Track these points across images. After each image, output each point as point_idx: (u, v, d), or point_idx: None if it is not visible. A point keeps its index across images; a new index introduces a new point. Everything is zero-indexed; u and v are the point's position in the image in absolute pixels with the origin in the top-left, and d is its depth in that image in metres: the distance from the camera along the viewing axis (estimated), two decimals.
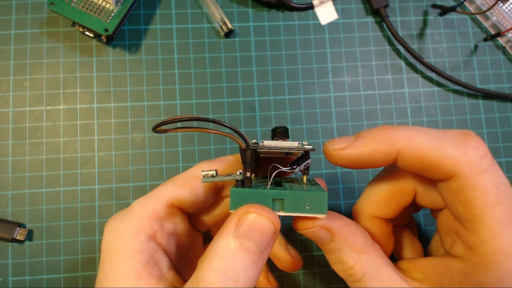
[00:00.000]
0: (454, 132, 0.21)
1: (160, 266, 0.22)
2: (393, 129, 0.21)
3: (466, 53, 0.41)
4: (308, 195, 0.20)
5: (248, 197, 0.21)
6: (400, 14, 0.41)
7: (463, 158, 0.20)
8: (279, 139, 0.25)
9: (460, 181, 0.20)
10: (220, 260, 0.19)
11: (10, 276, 0.34)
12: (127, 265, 0.21)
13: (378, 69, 0.40)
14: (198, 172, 0.25)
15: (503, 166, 0.39)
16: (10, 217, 0.35)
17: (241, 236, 0.19)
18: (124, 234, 0.22)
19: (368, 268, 0.23)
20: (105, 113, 0.37)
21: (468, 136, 0.20)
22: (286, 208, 0.21)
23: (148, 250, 0.22)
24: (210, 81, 0.38)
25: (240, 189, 0.21)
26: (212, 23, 0.39)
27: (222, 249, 0.19)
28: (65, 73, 0.37)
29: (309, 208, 0.21)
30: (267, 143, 0.22)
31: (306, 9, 0.40)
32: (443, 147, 0.20)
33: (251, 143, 0.23)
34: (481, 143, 0.20)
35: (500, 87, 0.40)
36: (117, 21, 0.35)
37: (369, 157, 0.22)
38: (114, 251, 0.21)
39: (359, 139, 0.22)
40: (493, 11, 0.40)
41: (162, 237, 0.23)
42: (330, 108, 0.39)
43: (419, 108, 0.39)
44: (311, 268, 0.36)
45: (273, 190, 0.21)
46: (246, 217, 0.20)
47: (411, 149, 0.21)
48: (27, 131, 0.36)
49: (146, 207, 0.23)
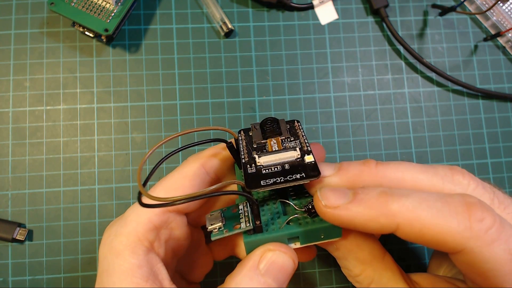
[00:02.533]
0: (458, 202, 0.19)
1: (161, 280, 0.22)
2: (394, 198, 0.19)
3: (466, 53, 0.41)
4: (322, 228, 0.20)
5: (262, 243, 0.20)
6: (400, 14, 0.41)
7: (468, 234, 0.18)
8: (272, 138, 0.23)
9: (469, 255, 0.18)
10: None
11: (10, 276, 0.34)
12: (127, 282, 0.20)
13: (378, 69, 0.40)
14: (188, 171, 0.25)
15: (503, 166, 0.39)
16: (10, 217, 0.35)
17: (263, 275, 0.19)
18: (121, 249, 0.21)
19: (374, 278, 0.22)
20: (105, 113, 0.37)
21: (472, 207, 0.19)
22: (302, 241, 0.21)
23: (147, 264, 0.21)
24: (210, 81, 0.38)
25: (254, 237, 0.20)
26: (212, 23, 0.39)
27: (244, 285, 0.19)
28: (65, 73, 0.37)
29: (324, 237, 0.21)
30: (263, 161, 0.21)
31: (306, 9, 0.40)
32: (446, 222, 0.18)
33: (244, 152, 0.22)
34: (486, 212, 0.18)
35: (500, 87, 0.40)
36: (117, 21, 0.35)
37: (363, 225, 0.20)
38: (112, 268, 0.21)
39: (356, 202, 0.20)
40: (493, 11, 0.40)
41: (159, 247, 0.23)
42: (330, 108, 0.39)
43: (419, 108, 0.39)
44: (311, 268, 0.36)
45: (287, 231, 0.20)
46: (267, 255, 0.20)
47: (411, 224, 0.19)
48: (27, 131, 0.36)
49: (140, 218, 0.22)
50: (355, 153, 0.38)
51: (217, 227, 0.21)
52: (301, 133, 0.23)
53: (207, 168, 0.25)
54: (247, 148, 0.23)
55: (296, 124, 0.24)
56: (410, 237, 0.19)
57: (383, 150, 0.38)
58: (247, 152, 0.23)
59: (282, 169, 0.21)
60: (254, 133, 0.24)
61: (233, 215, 0.22)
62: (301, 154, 0.21)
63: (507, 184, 0.39)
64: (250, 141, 0.24)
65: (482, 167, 0.39)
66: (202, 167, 0.25)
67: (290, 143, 0.22)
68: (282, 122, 0.24)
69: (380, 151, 0.38)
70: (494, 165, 0.39)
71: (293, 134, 0.24)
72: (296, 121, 0.25)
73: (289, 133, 0.24)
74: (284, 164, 0.21)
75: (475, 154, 0.39)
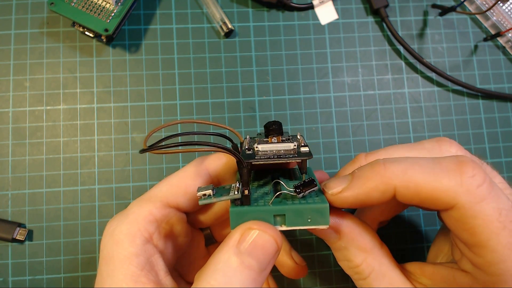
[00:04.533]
0: (449, 161, 0.20)
1: (157, 271, 0.22)
2: (386, 165, 0.21)
3: (466, 53, 0.41)
4: (309, 208, 0.20)
5: (248, 215, 0.20)
6: (400, 14, 0.41)
7: (460, 189, 0.19)
8: (273, 137, 0.24)
9: (460, 211, 0.19)
10: (220, 275, 0.19)
11: (10, 276, 0.34)
12: (124, 270, 0.21)
13: (378, 69, 0.40)
14: (192, 170, 0.25)
15: (503, 166, 0.39)
16: (10, 217, 0.35)
17: (242, 253, 0.19)
18: (121, 238, 0.22)
19: (374, 267, 0.23)
20: (105, 113, 0.37)
21: (464, 165, 0.20)
22: (288, 222, 0.20)
23: (144, 254, 0.21)
24: (210, 81, 0.38)
25: (240, 208, 0.20)
26: (212, 23, 0.39)
27: (223, 264, 0.19)
28: (65, 73, 0.37)
29: (311, 221, 0.20)
30: (261, 148, 0.22)
31: (306, 9, 0.40)
32: (438, 179, 0.19)
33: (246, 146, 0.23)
34: (477, 170, 0.19)
35: (500, 87, 0.40)
36: (117, 21, 0.35)
37: (367, 198, 0.21)
38: (111, 255, 0.21)
39: (354, 180, 0.21)
40: (493, 11, 0.40)
41: (159, 239, 0.23)
42: (330, 108, 0.39)
43: (419, 108, 0.39)
44: (311, 268, 0.36)
45: (274, 207, 0.20)
46: (249, 233, 0.20)
47: (407, 185, 0.20)
48: (27, 131, 0.36)
49: (142, 210, 0.23)
50: (355, 153, 0.38)
51: (206, 194, 0.21)
52: (301, 138, 0.25)
53: (211, 171, 0.26)
54: (249, 144, 0.24)
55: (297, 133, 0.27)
56: (407, 198, 0.20)
57: None
58: (248, 146, 0.24)
59: (277, 153, 0.22)
60: (258, 137, 0.26)
61: (225, 190, 0.22)
62: (297, 146, 0.23)
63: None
64: (253, 141, 0.25)
65: None
66: (206, 169, 0.26)
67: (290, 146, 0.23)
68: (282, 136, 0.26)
69: None
70: (494, 165, 0.39)
71: (293, 137, 0.25)
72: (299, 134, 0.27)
73: (290, 136, 0.26)
74: (280, 151, 0.22)
75: (475, 154, 0.39)
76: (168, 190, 0.24)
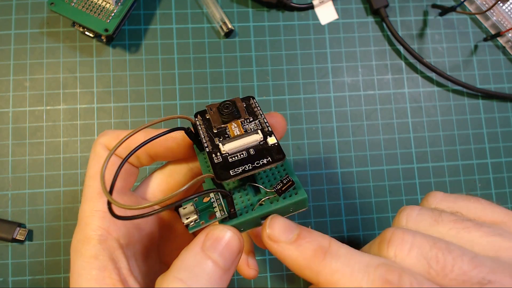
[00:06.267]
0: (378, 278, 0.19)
1: (119, 269, 0.21)
2: (326, 258, 0.19)
3: (466, 53, 0.41)
4: (292, 203, 0.21)
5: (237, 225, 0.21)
6: (400, 14, 0.41)
7: None
8: (231, 122, 0.23)
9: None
10: (187, 271, 0.19)
11: (10, 276, 0.34)
12: (85, 276, 0.20)
13: (378, 69, 0.40)
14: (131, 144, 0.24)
15: (503, 166, 0.39)
16: (10, 217, 0.35)
17: (208, 249, 0.20)
18: (78, 246, 0.21)
19: None
20: (105, 113, 0.37)
21: (388, 285, 0.18)
22: None
23: (105, 253, 0.21)
24: (210, 81, 0.38)
25: (230, 223, 0.21)
26: (212, 23, 0.39)
27: (190, 260, 0.19)
28: (65, 73, 0.37)
29: (293, 210, 0.21)
30: (229, 149, 0.21)
31: (306, 9, 0.40)
32: None
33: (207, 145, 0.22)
34: None
35: (500, 87, 0.40)
36: (117, 21, 0.35)
37: (291, 267, 0.20)
38: (73, 264, 0.21)
39: (294, 245, 0.20)
40: (493, 11, 0.40)
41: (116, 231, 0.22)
42: (330, 108, 0.39)
43: (419, 108, 0.39)
44: None
45: (260, 212, 0.21)
46: (212, 232, 0.20)
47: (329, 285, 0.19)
48: (27, 131, 0.36)
49: (89, 208, 0.22)
50: (355, 153, 0.38)
51: (193, 221, 0.21)
52: (258, 112, 0.23)
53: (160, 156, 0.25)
54: (207, 135, 0.22)
55: (252, 102, 0.24)
56: None
57: (383, 150, 0.38)
58: (208, 140, 0.22)
59: (247, 154, 0.21)
60: (212, 117, 0.23)
61: (206, 205, 0.22)
62: (263, 136, 0.22)
63: (507, 184, 0.39)
64: (209, 125, 0.23)
65: (482, 167, 0.39)
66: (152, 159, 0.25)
67: (250, 124, 0.22)
68: (238, 102, 0.24)
69: (380, 151, 0.38)
70: (494, 165, 0.39)
71: (251, 113, 0.23)
72: (251, 98, 0.24)
73: (248, 114, 0.23)
74: (249, 149, 0.21)
75: (475, 154, 0.39)
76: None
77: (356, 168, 0.38)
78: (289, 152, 0.37)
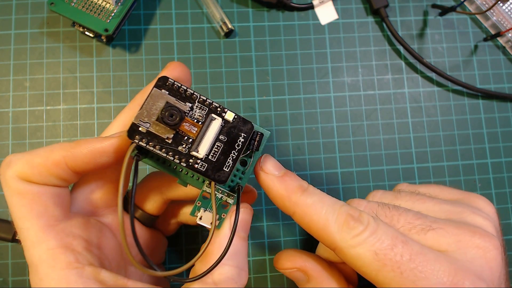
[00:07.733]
0: (342, 212, 0.23)
1: (74, 247, 0.21)
2: (303, 193, 0.23)
3: (466, 53, 0.41)
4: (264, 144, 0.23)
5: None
6: (400, 14, 0.41)
7: (338, 237, 0.22)
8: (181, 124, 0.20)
9: (340, 254, 0.23)
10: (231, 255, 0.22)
11: (10, 276, 0.34)
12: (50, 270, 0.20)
13: (378, 69, 0.40)
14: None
15: (503, 166, 0.39)
16: (10, 217, 0.35)
17: (239, 231, 0.23)
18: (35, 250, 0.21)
19: None
20: (105, 113, 0.37)
21: (349, 218, 0.22)
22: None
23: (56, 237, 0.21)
24: (210, 81, 0.38)
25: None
26: (212, 23, 0.39)
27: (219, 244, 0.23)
28: (65, 73, 0.37)
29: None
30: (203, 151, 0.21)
31: (306, 9, 0.40)
32: (326, 224, 0.22)
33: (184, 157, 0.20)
34: (358, 223, 0.22)
35: (500, 87, 0.40)
36: (117, 21, 0.35)
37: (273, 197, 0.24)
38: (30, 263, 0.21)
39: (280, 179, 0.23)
40: (493, 11, 0.40)
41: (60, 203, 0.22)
42: (330, 108, 0.39)
43: (419, 108, 0.39)
44: None
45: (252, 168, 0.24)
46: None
47: (303, 216, 0.23)
48: (27, 131, 0.36)
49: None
50: (355, 153, 0.38)
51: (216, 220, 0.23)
52: (190, 92, 0.21)
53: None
54: (166, 149, 0.20)
55: (169, 83, 0.21)
56: (300, 224, 0.24)
57: (383, 150, 0.38)
58: (172, 154, 0.20)
59: (222, 144, 0.21)
60: (158, 131, 0.20)
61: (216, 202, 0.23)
62: (220, 117, 0.21)
63: (507, 184, 0.39)
64: (160, 139, 0.20)
65: (482, 167, 0.39)
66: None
67: (195, 112, 0.21)
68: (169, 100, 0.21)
69: (380, 151, 0.38)
70: (494, 165, 0.39)
71: (188, 100, 0.21)
72: (166, 79, 0.21)
73: (187, 105, 0.21)
74: (219, 137, 0.21)
75: (475, 154, 0.39)
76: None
77: (356, 168, 0.38)
78: (289, 152, 0.37)
